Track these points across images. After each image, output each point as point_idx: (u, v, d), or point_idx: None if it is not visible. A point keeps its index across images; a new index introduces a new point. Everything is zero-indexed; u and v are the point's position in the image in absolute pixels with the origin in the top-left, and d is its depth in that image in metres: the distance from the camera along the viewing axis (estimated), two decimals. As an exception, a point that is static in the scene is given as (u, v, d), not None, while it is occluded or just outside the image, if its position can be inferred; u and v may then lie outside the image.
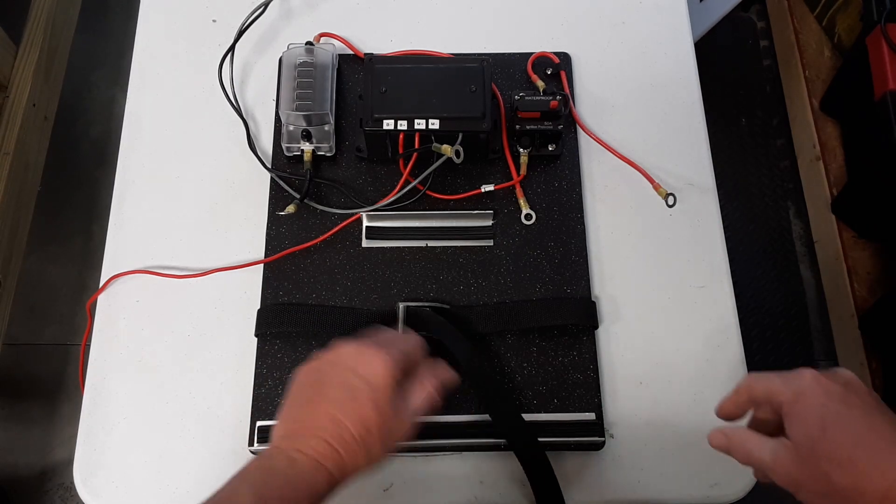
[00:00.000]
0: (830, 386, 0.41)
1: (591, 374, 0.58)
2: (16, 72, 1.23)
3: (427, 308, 0.58)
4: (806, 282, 1.39)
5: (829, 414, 0.40)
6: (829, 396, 0.41)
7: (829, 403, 0.41)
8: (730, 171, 1.47)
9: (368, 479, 0.55)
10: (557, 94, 0.62)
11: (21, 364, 1.30)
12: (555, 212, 0.63)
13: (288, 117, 0.63)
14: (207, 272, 0.61)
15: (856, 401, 0.41)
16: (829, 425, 0.40)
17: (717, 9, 1.22)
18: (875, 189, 1.15)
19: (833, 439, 0.39)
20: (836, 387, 0.41)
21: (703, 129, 0.68)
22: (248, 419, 0.56)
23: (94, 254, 1.38)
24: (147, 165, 0.66)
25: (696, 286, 0.62)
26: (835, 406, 0.40)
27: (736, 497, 0.56)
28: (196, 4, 0.73)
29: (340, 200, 0.64)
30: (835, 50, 1.34)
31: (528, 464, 0.53)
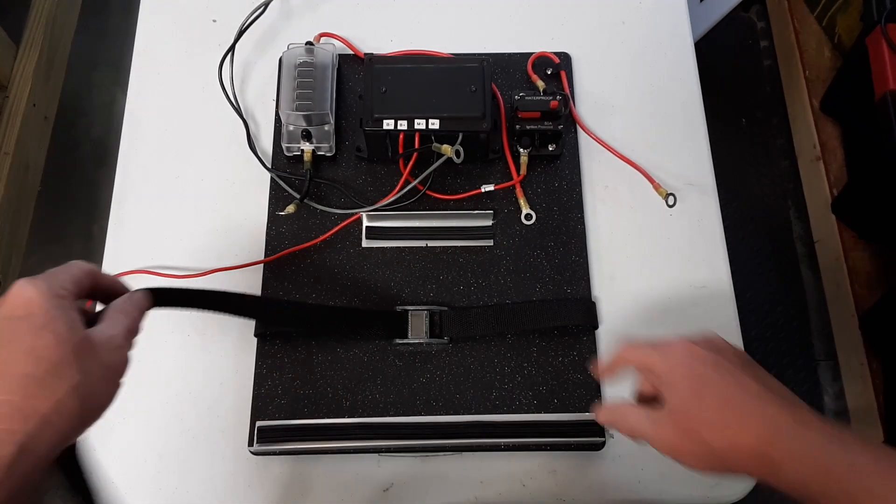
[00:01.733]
0: (700, 352, 0.43)
1: (591, 374, 0.58)
2: (16, 72, 1.23)
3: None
4: (806, 282, 1.39)
5: (699, 380, 0.42)
6: (700, 363, 0.42)
7: (700, 369, 0.42)
8: (730, 171, 1.47)
9: (368, 479, 0.55)
10: (557, 94, 0.62)
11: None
12: (555, 212, 0.63)
13: (288, 117, 0.63)
14: (207, 272, 0.61)
15: (724, 363, 0.42)
16: (700, 391, 0.41)
17: (717, 9, 1.21)
18: (875, 189, 1.15)
19: (705, 404, 0.41)
20: (705, 352, 0.42)
21: (703, 129, 0.68)
22: (248, 419, 0.56)
23: (94, 254, 1.38)
24: (147, 165, 0.66)
25: (696, 286, 0.62)
26: (705, 371, 0.42)
27: (736, 497, 0.56)
28: (196, 4, 0.73)
29: (340, 200, 0.64)
30: (835, 50, 1.34)
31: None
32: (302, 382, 0.57)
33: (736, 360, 0.42)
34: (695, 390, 0.41)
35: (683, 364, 0.43)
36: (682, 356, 0.43)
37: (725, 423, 0.40)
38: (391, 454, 0.56)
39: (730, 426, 0.40)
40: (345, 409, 0.56)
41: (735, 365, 0.42)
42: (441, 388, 0.57)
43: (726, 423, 0.40)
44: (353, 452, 0.55)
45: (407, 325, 0.58)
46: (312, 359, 0.58)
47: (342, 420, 0.56)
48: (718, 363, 0.42)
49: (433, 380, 0.57)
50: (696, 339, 0.44)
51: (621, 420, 0.45)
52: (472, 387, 0.57)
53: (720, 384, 0.41)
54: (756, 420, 0.39)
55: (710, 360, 0.42)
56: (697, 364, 0.42)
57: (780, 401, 0.40)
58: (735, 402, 0.40)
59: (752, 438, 0.39)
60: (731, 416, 0.40)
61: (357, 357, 0.58)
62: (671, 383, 0.43)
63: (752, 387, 0.40)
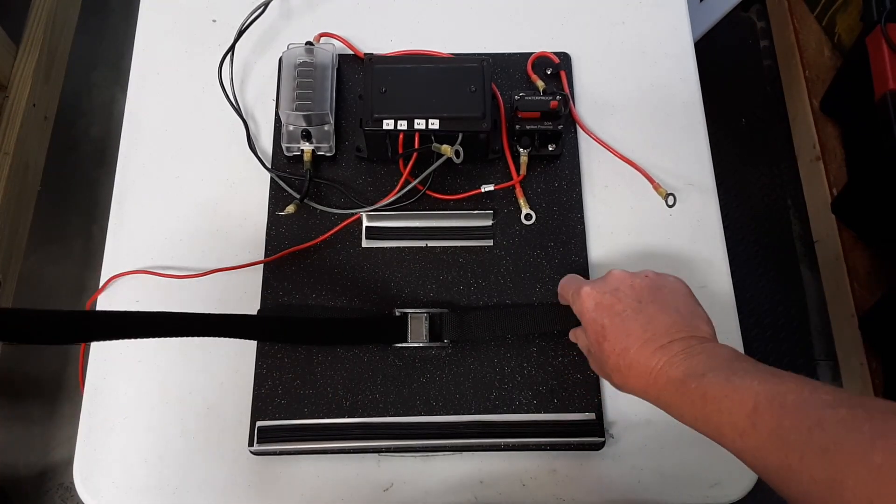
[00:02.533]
0: (600, 299, 0.48)
1: (591, 374, 0.58)
2: (16, 72, 1.23)
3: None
4: (806, 282, 1.39)
5: (599, 330, 0.47)
6: (598, 311, 0.48)
7: (599, 318, 0.47)
8: (730, 171, 1.47)
9: (368, 479, 0.55)
10: (557, 94, 0.62)
11: (21, 364, 1.30)
12: (555, 212, 0.63)
13: (288, 117, 0.63)
14: (207, 272, 0.61)
15: (618, 308, 0.47)
16: (600, 340, 0.47)
17: (717, 9, 1.22)
18: (875, 189, 1.15)
19: (603, 350, 0.47)
20: (605, 298, 0.48)
21: (703, 129, 0.68)
22: (248, 419, 0.56)
23: (94, 254, 1.38)
24: (147, 165, 0.66)
25: (696, 286, 0.61)
26: (602, 320, 0.47)
27: (736, 497, 0.56)
28: (196, 4, 0.73)
29: (340, 200, 0.64)
30: (835, 50, 1.34)
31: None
32: (302, 382, 0.57)
33: (630, 303, 0.47)
34: (597, 339, 0.47)
35: (588, 311, 0.48)
36: (587, 304, 0.49)
37: (618, 369, 0.46)
38: (391, 454, 0.56)
39: (622, 371, 0.46)
40: (345, 409, 0.56)
41: (628, 307, 0.46)
42: (441, 388, 0.57)
43: (620, 369, 0.46)
44: (353, 452, 0.55)
45: (406, 329, 0.58)
46: (312, 359, 0.58)
47: (342, 420, 0.56)
48: (614, 309, 0.47)
49: (433, 380, 0.57)
50: (599, 283, 0.49)
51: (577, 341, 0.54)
52: (471, 387, 0.57)
53: (615, 333, 0.46)
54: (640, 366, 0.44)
55: (607, 306, 0.47)
56: (597, 313, 0.48)
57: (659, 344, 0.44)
58: (625, 350, 0.45)
59: (640, 382, 0.45)
60: (624, 364, 0.45)
61: (357, 357, 0.58)
62: (585, 329, 0.49)
63: (638, 333, 0.45)
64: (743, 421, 0.37)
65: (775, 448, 0.35)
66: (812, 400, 0.35)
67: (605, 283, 0.49)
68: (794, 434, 0.34)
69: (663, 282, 0.49)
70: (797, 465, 0.34)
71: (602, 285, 0.49)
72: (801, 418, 0.35)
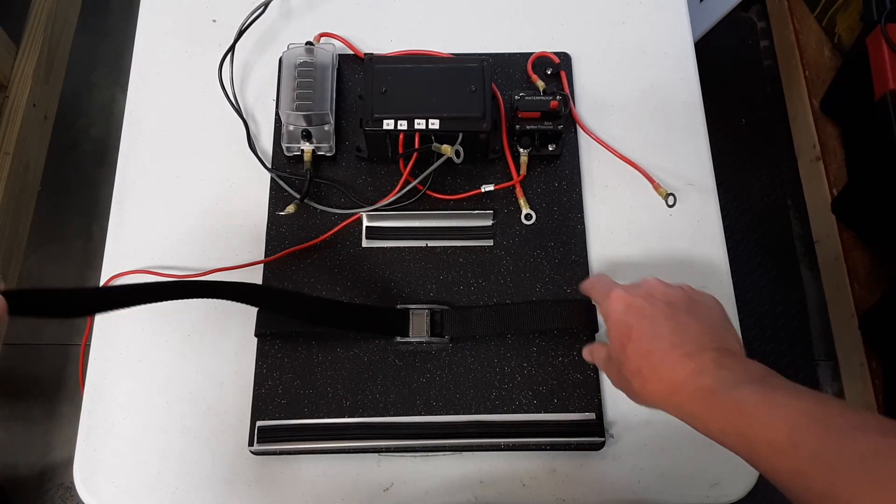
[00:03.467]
0: (632, 301, 0.46)
1: (591, 373, 0.58)
2: (16, 72, 1.23)
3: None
4: (806, 282, 1.39)
5: (626, 330, 0.45)
6: (627, 313, 0.46)
7: (626, 319, 0.45)
8: (730, 171, 1.47)
9: (368, 479, 0.55)
10: (557, 94, 0.62)
11: (21, 364, 1.30)
12: (555, 212, 0.63)
13: (288, 117, 0.63)
14: (207, 272, 0.61)
15: (648, 311, 0.45)
16: (624, 341, 0.45)
17: (717, 9, 1.21)
18: (875, 189, 1.15)
19: (627, 353, 0.45)
20: (636, 300, 0.46)
21: (703, 129, 0.68)
22: (248, 419, 0.56)
23: (94, 254, 1.38)
24: (147, 165, 0.66)
25: (697, 286, 0.61)
26: (630, 321, 0.45)
27: (736, 497, 0.56)
28: (196, 4, 0.73)
29: (340, 200, 0.64)
30: (835, 50, 1.34)
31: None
32: (302, 382, 0.57)
33: (662, 308, 0.45)
34: (621, 340, 0.45)
35: (615, 313, 0.46)
36: (616, 306, 0.47)
37: (640, 372, 0.44)
38: (391, 454, 0.56)
39: (643, 374, 0.43)
40: (345, 409, 0.56)
41: (659, 312, 0.45)
42: (441, 388, 0.57)
43: (641, 371, 0.44)
44: (353, 452, 0.55)
45: (408, 323, 0.58)
46: (312, 359, 0.58)
47: (342, 420, 0.56)
48: (643, 312, 0.45)
49: (433, 379, 0.57)
50: (633, 287, 0.48)
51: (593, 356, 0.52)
52: (472, 387, 0.57)
53: (641, 335, 0.44)
54: (665, 371, 0.42)
55: (637, 308, 0.45)
56: (626, 314, 0.46)
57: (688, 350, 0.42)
58: (650, 353, 0.43)
59: (662, 387, 0.42)
60: (646, 367, 0.43)
61: (357, 357, 0.58)
62: (609, 331, 0.47)
63: (666, 337, 0.43)
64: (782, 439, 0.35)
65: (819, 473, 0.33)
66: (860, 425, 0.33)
67: (638, 287, 0.48)
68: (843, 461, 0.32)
69: (699, 297, 0.47)
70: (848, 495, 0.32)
71: (634, 289, 0.47)
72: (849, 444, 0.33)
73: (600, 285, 0.51)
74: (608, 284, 0.50)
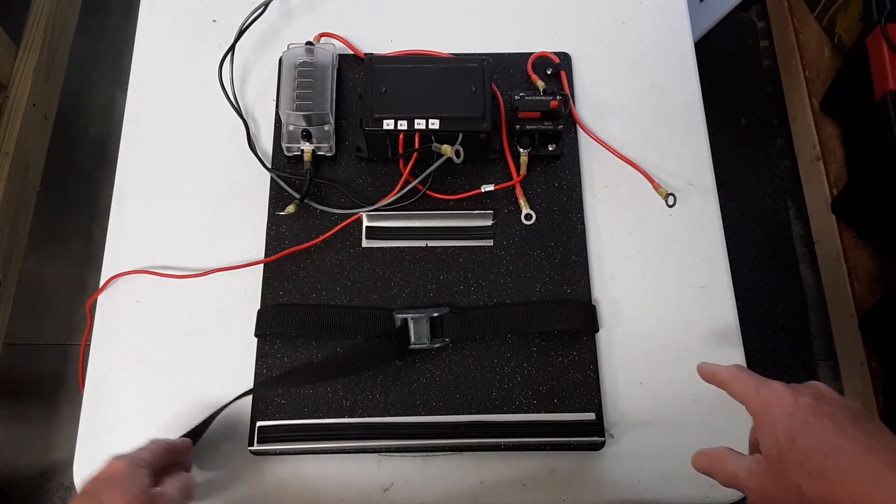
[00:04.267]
0: (800, 397, 0.40)
1: (591, 374, 0.58)
2: (16, 72, 1.23)
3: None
4: (806, 282, 1.39)
5: (796, 424, 0.39)
6: (797, 406, 0.40)
7: (797, 413, 0.39)
8: (730, 171, 1.47)
9: (368, 479, 0.55)
10: (557, 94, 0.62)
11: (21, 364, 1.30)
12: (555, 212, 0.63)
13: (288, 117, 0.63)
14: (207, 272, 0.61)
15: (826, 410, 0.39)
16: (796, 435, 0.39)
17: (717, 9, 1.21)
18: (875, 189, 1.15)
19: (801, 449, 0.38)
20: (805, 398, 0.40)
21: (703, 129, 0.68)
22: (248, 419, 0.56)
23: (94, 254, 1.38)
24: (147, 165, 0.66)
25: (696, 286, 0.62)
26: (802, 416, 0.39)
27: (736, 497, 0.56)
28: (196, 4, 0.73)
29: (340, 200, 0.64)
30: (835, 50, 1.34)
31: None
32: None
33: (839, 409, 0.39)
34: (789, 434, 0.39)
35: (779, 405, 0.40)
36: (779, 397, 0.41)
37: (823, 472, 0.37)
38: (391, 454, 0.56)
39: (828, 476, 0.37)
40: (345, 409, 0.56)
41: (837, 412, 0.39)
42: (441, 388, 0.57)
43: (824, 471, 0.37)
44: (353, 452, 0.55)
45: (409, 333, 0.57)
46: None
47: (342, 420, 0.56)
48: (818, 409, 0.39)
49: (433, 380, 0.57)
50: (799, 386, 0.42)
51: (717, 464, 0.43)
52: (472, 387, 0.57)
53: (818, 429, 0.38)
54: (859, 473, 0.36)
55: (808, 405, 0.40)
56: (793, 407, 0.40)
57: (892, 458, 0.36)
58: (835, 449, 0.37)
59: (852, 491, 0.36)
60: (831, 464, 0.37)
61: (357, 357, 0.58)
62: (766, 425, 0.41)
63: (857, 437, 0.37)
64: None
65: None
66: None
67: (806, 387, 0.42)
68: None
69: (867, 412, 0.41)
70: None
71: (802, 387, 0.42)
72: None
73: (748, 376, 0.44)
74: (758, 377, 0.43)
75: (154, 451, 0.49)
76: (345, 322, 0.59)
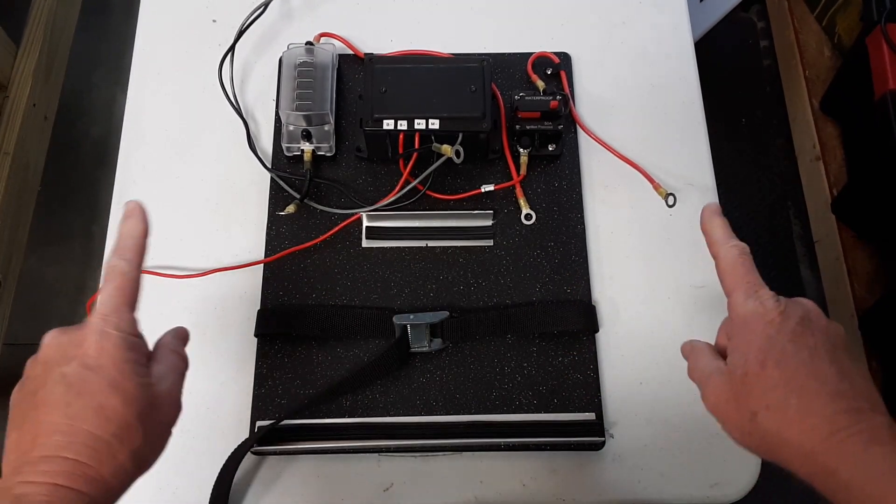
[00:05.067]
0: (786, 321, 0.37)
1: (591, 374, 0.58)
2: (16, 72, 1.23)
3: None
4: (806, 282, 1.39)
5: (773, 349, 0.36)
6: (780, 330, 0.37)
7: (777, 337, 0.36)
8: (730, 171, 1.47)
9: (368, 479, 0.55)
10: (557, 94, 0.62)
11: (21, 364, 1.29)
12: (555, 212, 0.63)
13: (288, 117, 0.63)
14: (207, 272, 0.61)
15: (808, 340, 0.36)
16: (769, 362, 0.36)
17: (717, 9, 1.22)
18: (875, 189, 1.15)
19: (767, 376, 0.36)
20: (791, 323, 0.37)
21: (703, 129, 0.68)
22: (248, 419, 0.56)
23: (94, 254, 1.38)
24: (147, 165, 0.66)
25: (696, 286, 0.62)
26: (781, 342, 0.36)
27: (736, 497, 0.56)
28: (196, 4, 0.73)
29: (340, 200, 0.64)
30: (835, 50, 1.34)
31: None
32: (302, 382, 0.57)
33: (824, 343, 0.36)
34: (761, 358, 0.36)
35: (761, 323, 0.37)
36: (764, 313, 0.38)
37: (783, 408, 0.35)
38: (391, 454, 0.56)
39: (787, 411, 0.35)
40: (345, 409, 0.56)
41: (820, 345, 0.36)
42: (441, 388, 0.57)
43: (784, 408, 0.35)
44: (353, 452, 0.55)
45: (408, 339, 0.57)
46: (312, 359, 0.58)
47: (342, 420, 0.56)
48: (800, 338, 0.36)
49: (433, 380, 0.57)
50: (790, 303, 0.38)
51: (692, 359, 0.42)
52: (472, 387, 0.57)
53: (793, 361, 0.35)
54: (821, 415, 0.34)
55: (791, 330, 0.36)
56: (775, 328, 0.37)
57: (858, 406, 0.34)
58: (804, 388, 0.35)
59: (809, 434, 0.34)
60: (794, 401, 0.35)
61: (357, 357, 0.58)
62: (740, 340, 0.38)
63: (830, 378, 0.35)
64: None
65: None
66: None
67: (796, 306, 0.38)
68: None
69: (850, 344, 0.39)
70: None
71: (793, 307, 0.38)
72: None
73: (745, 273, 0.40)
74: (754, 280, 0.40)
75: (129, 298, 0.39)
76: (345, 322, 0.59)
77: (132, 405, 0.35)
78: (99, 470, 0.34)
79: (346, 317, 0.59)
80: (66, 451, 0.33)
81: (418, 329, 0.57)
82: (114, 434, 0.34)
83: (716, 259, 0.43)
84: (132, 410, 0.35)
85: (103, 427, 0.34)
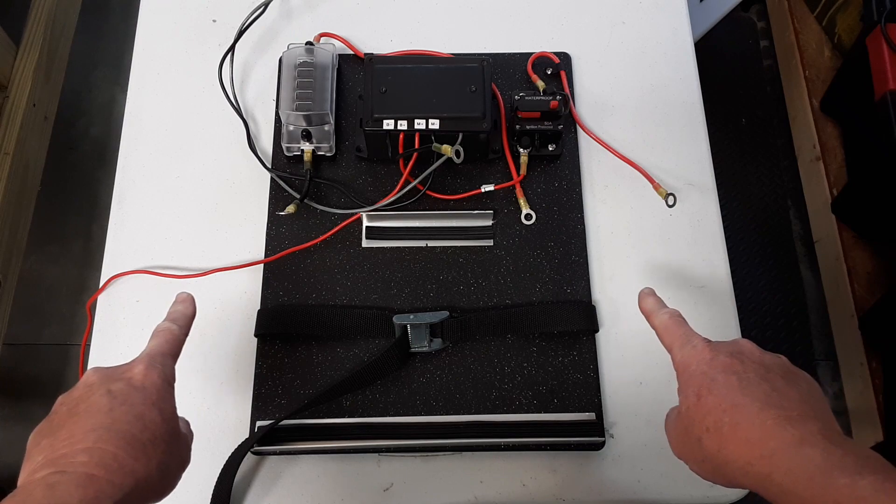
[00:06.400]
0: (717, 356, 0.41)
1: (591, 374, 0.58)
2: (16, 72, 1.23)
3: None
4: (806, 282, 1.39)
5: (705, 381, 0.40)
6: (711, 365, 0.40)
7: (709, 371, 0.40)
8: (730, 171, 1.47)
9: (368, 479, 0.55)
10: (557, 94, 0.62)
11: (21, 364, 1.30)
12: (555, 212, 0.63)
13: (288, 117, 0.63)
14: (207, 272, 0.61)
15: (737, 368, 0.39)
16: (703, 392, 0.39)
17: (717, 9, 1.22)
18: (875, 189, 1.15)
19: (704, 404, 0.39)
20: (722, 357, 0.40)
21: (703, 129, 0.68)
22: (248, 419, 0.56)
23: (94, 254, 1.38)
24: (147, 165, 0.66)
25: (696, 286, 0.62)
26: (712, 373, 0.40)
27: (735, 497, 0.56)
28: (196, 4, 0.73)
29: (340, 200, 0.64)
30: (835, 50, 1.34)
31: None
32: (302, 382, 0.57)
33: (755, 368, 0.39)
34: (698, 392, 0.40)
35: (697, 364, 0.41)
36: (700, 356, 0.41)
37: (719, 429, 0.38)
38: (391, 454, 0.56)
39: (722, 429, 0.37)
40: (345, 409, 0.56)
41: (750, 371, 0.39)
42: (441, 388, 0.57)
43: (720, 428, 0.38)
44: (353, 452, 0.55)
45: (408, 339, 0.57)
46: (312, 359, 0.58)
47: (342, 420, 0.56)
48: (731, 368, 0.39)
49: (433, 380, 0.57)
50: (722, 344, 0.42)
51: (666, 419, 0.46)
52: (472, 387, 0.57)
53: (724, 388, 0.39)
54: (753, 431, 0.36)
55: (722, 363, 0.40)
56: (710, 366, 0.40)
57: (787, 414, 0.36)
58: (735, 407, 0.37)
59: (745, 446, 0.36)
60: (727, 418, 0.37)
61: (357, 357, 0.58)
62: (682, 382, 0.42)
63: (760, 396, 0.37)
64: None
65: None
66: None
67: (728, 344, 0.42)
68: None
69: (798, 371, 0.41)
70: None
71: (724, 345, 0.42)
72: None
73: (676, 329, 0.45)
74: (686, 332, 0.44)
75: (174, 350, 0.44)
76: (345, 322, 0.59)
77: (167, 423, 0.39)
78: (133, 466, 0.36)
79: (346, 317, 0.59)
80: (107, 443, 0.36)
81: (418, 329, 0.57)
82: (150, 440, 0.37)
83: (654, 328, 0.47)
84: (167, 427, 0.39)
85: (142, 431, 0.37)
